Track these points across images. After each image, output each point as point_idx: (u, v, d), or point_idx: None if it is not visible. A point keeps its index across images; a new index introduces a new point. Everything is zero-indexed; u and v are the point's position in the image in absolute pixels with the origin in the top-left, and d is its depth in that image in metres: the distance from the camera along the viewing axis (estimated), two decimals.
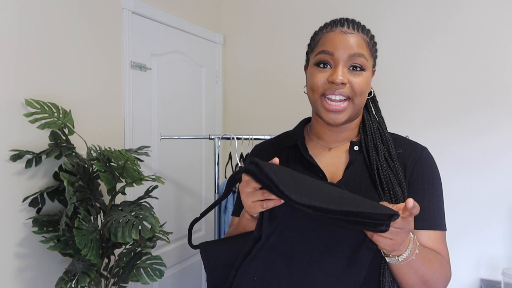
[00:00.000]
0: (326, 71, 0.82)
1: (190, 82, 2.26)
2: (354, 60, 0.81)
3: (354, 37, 0.82)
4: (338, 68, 0.80)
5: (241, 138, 1.71)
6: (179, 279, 2.23)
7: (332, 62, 0.82)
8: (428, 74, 2.02)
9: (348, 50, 0.81)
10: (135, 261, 1.43)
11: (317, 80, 0.83)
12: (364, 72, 0.82)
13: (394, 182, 0.80)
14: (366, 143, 0.86)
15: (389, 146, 0.85)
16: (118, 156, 1.30)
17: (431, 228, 0.81)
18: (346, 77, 0.80)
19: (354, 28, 0.83)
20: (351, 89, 0.81)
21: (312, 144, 0.92)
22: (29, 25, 1.39)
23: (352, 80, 0.81)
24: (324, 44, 0.84)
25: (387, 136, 0.87)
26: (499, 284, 1.82)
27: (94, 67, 1.65)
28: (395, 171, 0.82)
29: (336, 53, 0.81)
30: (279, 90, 2.39)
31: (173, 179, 2.15)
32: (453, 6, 1.95)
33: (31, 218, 1.35)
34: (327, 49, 0.82)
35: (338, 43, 0.81)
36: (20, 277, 1.38)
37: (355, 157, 0.86)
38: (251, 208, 0.70)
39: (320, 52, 0.83)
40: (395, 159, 0.83)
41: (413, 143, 0.89)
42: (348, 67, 0.82)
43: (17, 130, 1.35)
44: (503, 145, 1.88)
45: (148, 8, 1.92)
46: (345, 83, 0.80)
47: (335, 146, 0.90)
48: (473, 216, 1.92)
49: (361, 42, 0.82)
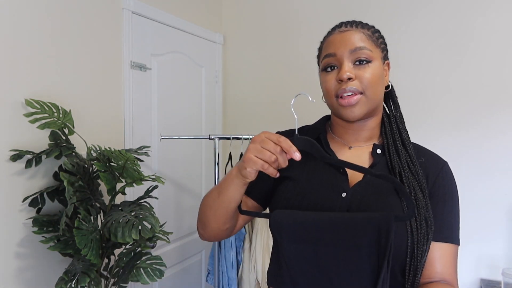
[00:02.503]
0: (333, 72, 0.82)
1: (190, 82, 2.26)
2: (357, 54, 0.80)
3: (352, 32, 0.82)
4: (343, 66, 0.80)
5: (241, 138, 1.71)
6: (179, 279, 2.23)
7: (337, 62, 0.82)
8: (429, 76, 2.01)
9: (348, 46, 0.80)
10: (135, 261, 1.43)
11: (328, 83, 0.83)
12: (371, 63, 0.81)
13: (416, 187, 0.79)
14: (387, 147, 0.85)
15: (408, 149, 0.84)
16: (118, 156, 1.30)
17: (447, 240, 0.80)
18: (353, 72, 0.80)
19: (352, 26, 0.84)
20: (360, 83, 0.80)
21: (333, 140, 0.91)
22: (29, 25, 1.39)
23: (359, 74, 0.80)
24: (326, 48, 0.85)
25: (406, 137, 0.86)
26: (499, 284, 1.82)
27: (94, 67, 1.65)
28: (417, 177, 0.80)
29: (337, 52, 0.81)
30: (279, 90, 2.39)
31: (173, 179, 2.15)
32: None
33: (31, 218, 1.34)
34: (329, 52, 0.83)
35: (337, 42, 0.82)
36: (20, 277, 1.38)
37: (378, 159, 0.85)
38: (250, 161, 0.71)
39: (324, 57, 0.84)
40: (416, 164, 0.82)
41: (435, 155, 0.88)
42: (353, 63, 0.81)
43: (17, 130, 1.35)
44: (503, 145, 1.88)
45: (148, 8, 1.92)
46: (352, 77, 0.79)
47: (355, 146, 0.88)
48: (473, 216, 1.92)
49: (361, 36, 0.82)
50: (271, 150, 0.70)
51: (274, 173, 0.72)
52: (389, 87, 0.89)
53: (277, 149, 0.70)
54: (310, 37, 2.25)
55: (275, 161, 0.70)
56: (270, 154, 0.70)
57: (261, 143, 0.71)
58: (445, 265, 0.79)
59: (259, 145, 0.71)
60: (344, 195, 0.80)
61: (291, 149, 0.69)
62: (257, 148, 0.71)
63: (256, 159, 0.70)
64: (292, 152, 0.69)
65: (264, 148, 0.70)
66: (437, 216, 0.79)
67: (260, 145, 0.71)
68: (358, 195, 0.79)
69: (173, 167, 2.14)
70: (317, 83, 0.89)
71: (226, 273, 1.84)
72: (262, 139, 0.72)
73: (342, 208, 0.79)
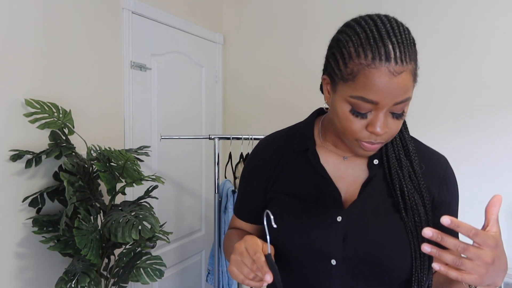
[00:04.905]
0: (364, 120, 0.67)
1: (190, 82, 2.26)
2: (400, 106, 0.65)
3: (404, 76, 0.63)
4: (379, 118, 0.65)
5: (241, 138, 1.71)
6: (179, 279, 2.23)
7: (374, 109, 0.65)
8: (433, 77, 2.02)
9: (396, 97, 0.63)
10: (135, 261, 1.43)
11: (354, 127, 0.68)
12: (405, 113, 0.68)
13: (419, 203, 0.73)
14: (387, 156, 0.76)
15: (412, 161, 0.75)
16: (118, 156, 1.30)
17: None
18: (388, 125, 0.67)
19: (404, 62, 0.62)
20: (388, 134, 0.68)
21: (324, 150, 0.81)
22: (29, 25, 1.39)
23: (391, 127, 0.68)
24: (365, 88, 0.63)
25: (411, 149, 0.76)
26: None
27: (94, 67, 1.65)
28: (419, 191, 0.73)
29: (381, 102, 0.64)
30: (279, 90, 2.39)
31: (173, 179, 2.15)
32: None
33: (31, 218, 1.35)
34: (371, 98, 0.63)
35: (384, 90, 0.62)
36: (20, 277, 1.38)
37: (374, 172, 0.76)
38: (232, 273, 0.69)
39: (360, 98, 0.64)
40: (419, 176, 0.74)
41: (434, 155, 0.81)
42: (390, 111, 0.66)
43: (17, 130, 1.35)
44: (503, 145, 1.88)
45: (148, 8, 1.92)
46: (386, 132, 0.68)
47: (351, 156, 0.79)
48: (473, 216, 1.92)
49: (410, 80, 0.64)
50: (248, 266, 0.67)
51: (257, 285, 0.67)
52: None
53: (253, 268, 0.67)
54: (310, 37, 2.25)
55: (254, 278, 0.67)
56: (248, 271, 0.67)
57: (241, 255, 0.68)
58: None
59: (239, 257, 0.68)
60: (340, 219, 0.74)
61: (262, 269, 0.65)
62: (237, 261, 0.68)
63: (238, 272, 0.68)
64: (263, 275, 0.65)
65: (244, 263, 0.67)
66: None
67: (239, 258, 0.68)
68: (354, 219, 0.73)
69: (173, 167, 2.14)
70: (317, 83, 0.87)
71: (226, 273, 1.84)
72: (241, 251, 0.68)
73: (338, 236, 0.73)
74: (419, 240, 0.72)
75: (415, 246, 0.72)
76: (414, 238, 0.72)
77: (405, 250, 0.72)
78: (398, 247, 0.71)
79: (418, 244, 0.71)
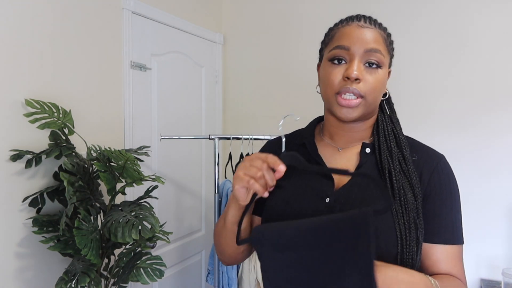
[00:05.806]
0: (341, 66, 0.77)
1: (190, 82, 2.26)
2: (371, 55, 0.76)
3: (371, 31, 0.78)
4: (353, 63, 0.76)
5: (241, 138, 1.71)
6: (179, 279, 2.23)
7: (348, 57, 0.77)
8: (427, 76, 2.02)
9: (365, 44, 0.76)
10: (135, 261, 1.43)
11: (332, 77, 0.78)
12: (380, 69, 0.78)
13: (407, 187, 0.76)
14: (379, 145, 0.82)
15: (403, 150, 0.80)
16: (118, 156, 1.30)
17: (448, 242, 0.77)
18: (362, 73, 0.76)
19: (371, 23, 0.79)
20: (364, 86, 0.76)
21: (322, 143, 0.88)
22: (29, 25, 1.39)
23: (366, 78, 0.76)
24: (339, 38, 0.79)
25: (402, 138, 0.82)
26: (499, 284, 1.82)
27: (94, 67, 1.65)
28: (408, 176, 0.77)
29: (352, 47, 0.76)
30: (279, 90, 2.39)
31: (173, 179, 2.15)
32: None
33: (31, 218, 1.35)
34: (343, 44, 0.77)
35: (354, 37, 0.77)
36: (20, 277, 1.38)
37: (365, 159, 0.81)
38: (237, 178, 0.72)
39: (335, 47, 0.78)
40: (409, 163, 0.78)
41: (430, 150, 0.84)
42: (364, 63, 0.77)
43: (17, 130, 1.35)
44: (503, 145, 1.88)
45: (148, 8, 1.92)
46: (360, 78, 0.75)
47: (345, 147, 0.85)
48: (473, 216, 1.92)
49: (378, 37, 0.78)
50: (257, 166, 0.71)
51: (261, 190, 0.71)
52: (386, 95, 0.86)
53: (263, 166, 0.71)
54: (310, 37, 2.25)
55: (261, 177, 0.70)
56: (256, 170, 0.70)
57: (250, 161, 0.72)
58: (450, 266, 0.77)
59: (248, 163, 0.72)
60: (328, 200, 0.78)
61: (276, 162, 0.70)
62: (245, 165, 0.72)
63: (243, 175, 0.71)
64: (277, 165, 0.70)
65: (252, 165, 0.72)
66: (436, 217, 0.77)
67: (248, 163, 0.72)
68: (341, 200, 0.77)
69: (173, 167, 2.14)
70: (316, 82, 0.87)
71: (226, 273, 1.84)
72: (251, 158, 0.73)
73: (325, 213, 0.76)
74: (405, 223, 0.74)
75: (401, 229, 0.73)
76: (400, 221, 0.74)
77: (391, 232, 0.73)
78: (384, 229, 0.73)
79: (404, 227, 0.73)
